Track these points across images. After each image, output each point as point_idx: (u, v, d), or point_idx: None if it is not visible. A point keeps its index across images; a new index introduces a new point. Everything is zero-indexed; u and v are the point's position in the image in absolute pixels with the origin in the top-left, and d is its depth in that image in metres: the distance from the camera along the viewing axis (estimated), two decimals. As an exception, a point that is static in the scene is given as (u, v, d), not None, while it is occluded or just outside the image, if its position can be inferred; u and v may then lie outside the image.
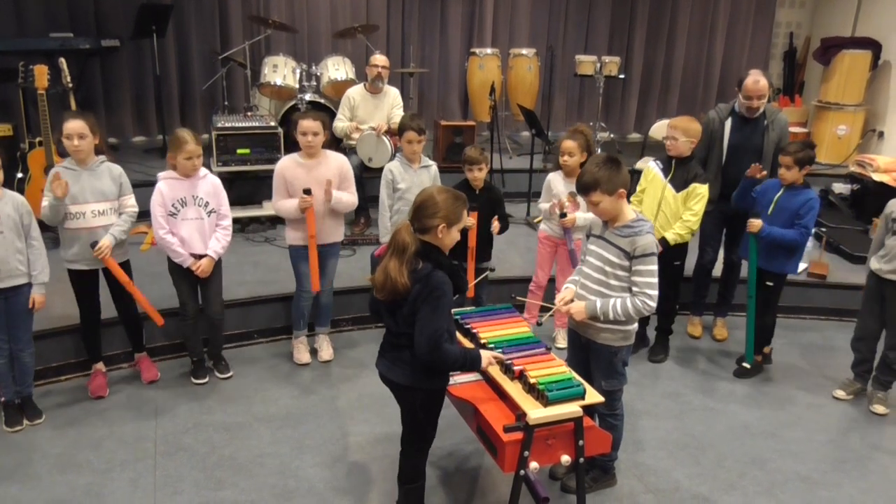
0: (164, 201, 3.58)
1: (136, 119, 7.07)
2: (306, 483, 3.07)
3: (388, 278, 2.38)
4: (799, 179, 3.85)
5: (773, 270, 3.97)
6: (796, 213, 3.83)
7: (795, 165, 3.80)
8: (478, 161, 3.94)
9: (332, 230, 3.98)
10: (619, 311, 2.78)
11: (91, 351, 3.80)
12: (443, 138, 6.43)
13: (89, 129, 3.43)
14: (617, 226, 2.83)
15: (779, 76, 8.73)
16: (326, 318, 4.22)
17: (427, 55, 7.83)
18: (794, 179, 3.85)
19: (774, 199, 3.92)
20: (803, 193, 3.85)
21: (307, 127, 3.76)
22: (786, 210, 3.86)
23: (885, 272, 3.71)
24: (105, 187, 3.52)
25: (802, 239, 3.85)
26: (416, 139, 3.99)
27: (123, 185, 3.60)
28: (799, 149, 3.82)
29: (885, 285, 3.74)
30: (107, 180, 3.54)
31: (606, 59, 7.34)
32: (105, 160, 3.58)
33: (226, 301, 4.01)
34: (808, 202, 3.82)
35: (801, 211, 3.82)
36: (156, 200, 3.58)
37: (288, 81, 6.11)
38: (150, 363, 3.93)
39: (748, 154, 4.19)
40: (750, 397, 3.94)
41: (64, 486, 3.00)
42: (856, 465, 3.36)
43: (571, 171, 3.98)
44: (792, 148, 3.85)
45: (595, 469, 3.11)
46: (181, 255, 3.62)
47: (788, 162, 3.82)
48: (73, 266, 3.58)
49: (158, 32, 6.22)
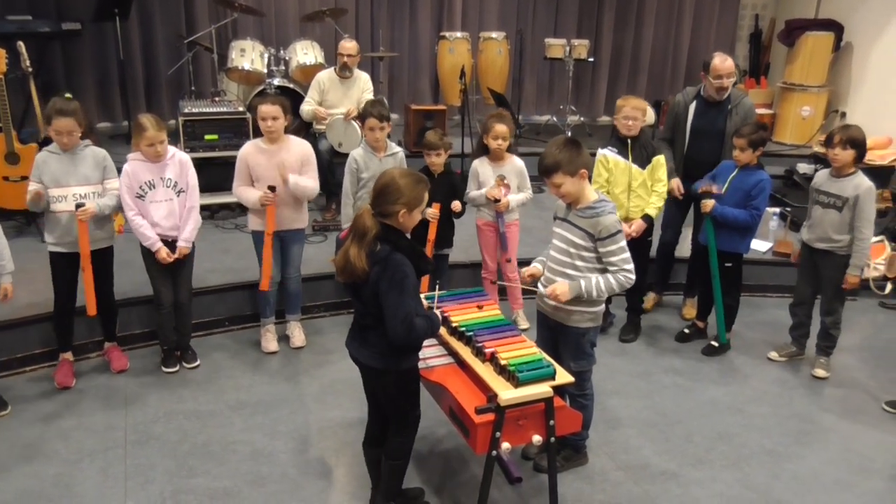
0: (130, 183, 3.53)
1: (100, 104, 6.90)
2: (279, 469, 3.07)
3: (348, 262, 2.39)
4: (752, 160, 3.93)
5: (726, 250, 4.06)
6: (749, 193, 3.92)
7: (749, 147, 3.88)
8: (437, 146, 3.92)
9: (294, 217, 3.93)
10: (602, 288, 2.82)
11: (61, 339, 3.73)
12: (413, 122, 6.40)
13: (77, 124, 3.39)
14: (580, 207, 2.86)
15: (745, 58, 8.83)
16: (296, 306, 4.18)
17: (397, 39, 7.76)
18: (747, 160, 3.93)
19: (728, 180, 4.01)
20: (755, 175, 3.94)
21: (266, 112, 3.71)
22: (739, 191, 3.95)
23: (812, 241, 3.91)
24: (88, 171, 3.49)
25: (753, 220, 3.94)
26: (378, 126, 3.90)
27: (107, 169, 3.56)
28: (752, 130, 3.91)
29: (814, 253, 3.92)
30: (90, 164, 3.50)
31: (575, 42, 7.35)
32: (89, 144, 3.54)
33: (196, 289, 3.98)
34: (759, 183, 3.91)
35: (752, 192, 3.91)
36: (123, 182, 3.53)
37: (256, 66, 6.02)
38: (121, 353, 3.88)
39: (711, 138, 4.26)
40: (717, 374, 4.02)
41: (32, 477, 2.97)
42: (818, 438, 3.46)
43: (502, 154, 4.02)
44: (745, 130, 3.93)
45: (567, 448, 3.16)
46: (150, 238, 3.56)
47: (742, 143, 3.90)
48: (55, 249, 3.54)
49: (121, 15, 6.06)
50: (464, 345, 2.82)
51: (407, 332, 2.38)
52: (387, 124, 3.95)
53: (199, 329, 4.15)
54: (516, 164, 4.10)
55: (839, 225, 3.77)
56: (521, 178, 4.11)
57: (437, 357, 2.90)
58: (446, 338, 2.90)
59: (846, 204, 3.73)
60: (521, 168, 4.11)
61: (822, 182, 3.87)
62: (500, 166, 4.05)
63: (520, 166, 4.11)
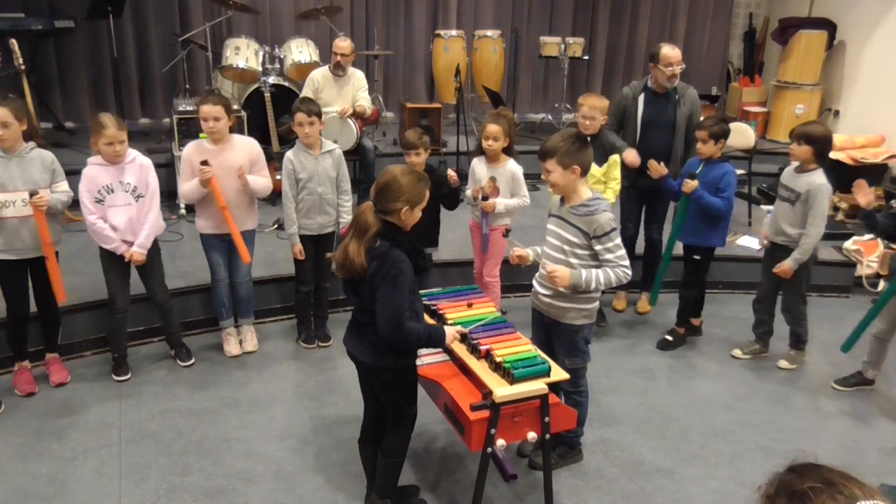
0: (89, 187, 3.43)
1: (94, 102, 6.86)
2: (274, 466, 3.07)
3: (347, 258, 2.39)
4: (716, 153, 3.96)
5: (699, 244, 4.09)
6: (716, 186, 3.95)
7: (710, 139, 3.91)
8: (416, 146, 3.84)
9: (244, 217, 3.84)
10: (602, 281, 2.83)
11: (17, 348, 3.61)
12: (409, 121, 6.40)
13: (13, 117, 3.23)
14: (573, 205, 2.86)
15: (739, 56, 8.86)
16: (249, 309, 4.08)
17: (392, 37, 7.76)
18: (710, 153, 3.96)
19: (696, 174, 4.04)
20: (721, 167, 3.97)
21: (207, 112, 3.62)
22: (706, 184, 3.97)
23: (770, 235, 3.96)
24: (36, 175, 3.35)
25: (728, 208, 3.99)
26: (307, 121, 3.76)
27: (56, 172, 3.43)
28: (713, 123, 3.94)
29: (774, 248, 3.96)
30: (37, 167, 3.36)
31: (570, 40, 7.36)
32: (34, 146, 3.39)
33: (190, 287, 3.98)
34: (725, 175, 3.95)
35: (720, 185, 3.94)
36: (82, 187, 3.43)
37: (251, 64, 6.00)
38: (61, 365, 3.72)
39: (662, 128, 4.33)
40: (711, 372, 4.04)
41: (26, 475, 2.96)
42: (812, 434, 3.47)
43: (495, 155, 3.94)
44: (707, 122, 3.98)
45: (562, 445, 3.16)
46: (113, 240, 3.47)
47: (703, 136, 3.93)
48: (4, 256, 3.39)
49: (115, 13, 6.05)
50: (459, 342, 2.82)
51: (392, 328, 2.38)
52: (316, 119, 3.80)
53: (195, 327, 4.14)
54: (510, 168, 3.96)
55: (791, 218, 3.83)
56: (515, 183, 3.97)
57: (432, 354, 2.90)
58: (441, 335, 2.90)
59: (798, 199, 3.78)
60: (514, 172, 3.96)
61: (785, 177, 3.93)
62: (495, 168, 3.97)
63: (513, 170, 3.96)
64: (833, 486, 1.00)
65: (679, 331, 4.32)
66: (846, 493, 1.00)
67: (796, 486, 1.02)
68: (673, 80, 4.27)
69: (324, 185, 3.90)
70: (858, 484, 1.01)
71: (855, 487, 1.01)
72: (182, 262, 4.53)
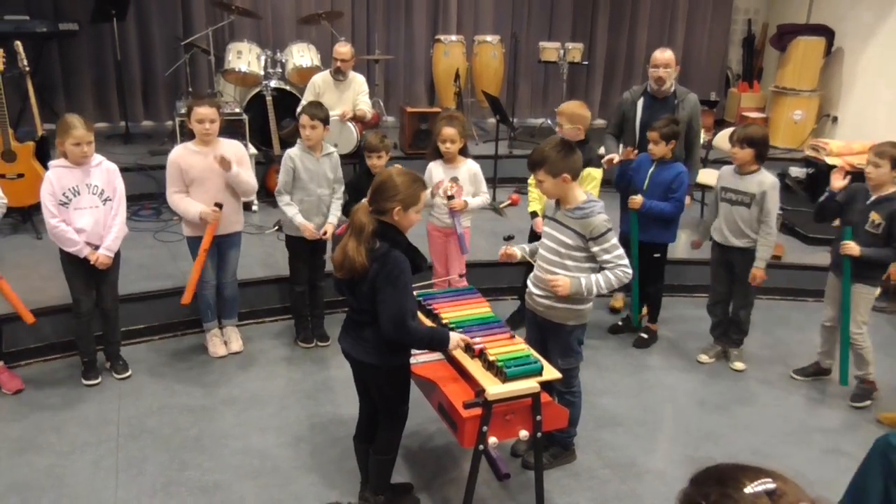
0: (53, 190, 3.38)
1: (97, 105, 6.93)
2: (270, 462, 3.11)
3: (347, 258, 2.43)
4: (667, 154, 4.02)
5: (654, 241, 4.15)
6: (669, 186, 4.01)
7: (662, 140, 3.97)
8: (377, 149, 3.87)
9: (231, 218, 3.84)
10: (602, 285, 2.86)
11: None
12: (409, 125, 6.44)
13: None
14: (568, 207, 2.90)
15: (738, 62, 8.91)
16: (233, 310, 4.10)
17: (392, 42, 7.81)
18: (662, 154, 4.02)
19: (648, 175, 4.09)
20: (673, 168, 4.04)
21: (204, 114, 3.64)
22: (659, 185, 4.04)
23: (725, 239, 3.99)
24: None
25: (677, 210, 4.06)
26: (310, 124, 3.80)
27: None
28: (664, 124, 4.00)
29: (726, 251, 4.02)
30: None
31: (570, 45, 7.41)
32: None
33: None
34: (678, 176, 4.01)
35: (673, 185, 4.01)
36: (45, 189, 3.38)
37: (253, 68, 6.05)
38: (11, 373, 3.64)
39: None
40: (705, 375, 4.07)
41: (24, 468, 3.00)
42: (803, 437, 3.50)
43: (452, 157, 3.92)
44: (658, 123, 4.03)
45: (555, 446, 3.20)
46: (76, 243, 3.42)
47: (655, 137, 3.99)
48: None
49: (118, 16, 6.12)
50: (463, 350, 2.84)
51: (395, 327, 2.42)
52: (319, 124, 3.83)
53: (195, 326, 4.19)
54: (470, 167, 3.94)
55: (749, 221, 3.87)
56: (476, 181, 3.95)
57: (427, 353, 2.93)
58: (436, 334, 2.93)
59: (753, 200, 3.84)
60: (475, 171, 3.95)
61: (728, 180, 3.96)
62: (454, 169, 3.92)
63: (474, 170, 3.95)
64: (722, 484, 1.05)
65: (653, 328, 4.39)
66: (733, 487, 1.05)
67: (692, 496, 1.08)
68: (660, 83, 4.33)
69: (322, 186, 3.95)
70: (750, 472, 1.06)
71: (743, 477, 1.06)
72: (185, 262, 4.56)
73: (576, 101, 4.24)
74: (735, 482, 1.05)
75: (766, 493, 1.02)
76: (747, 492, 1.03)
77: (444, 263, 4.14)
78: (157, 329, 4.15)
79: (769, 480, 1.03)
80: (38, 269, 4.24)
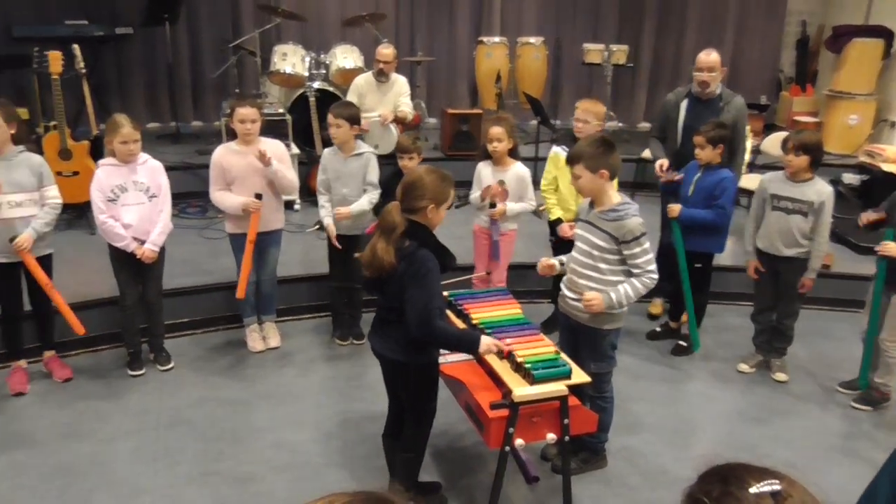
0: (102, 187, 3.52)
1: (149, 106, 7.19)
2: (302, 457, 3.17)
3: (375, 257, 2.46)
4: (714, 159, 3.90)
5: (695, 250, 4.03)
6: (711, 193, 3.89)
7: (708, 144, 3.86)
8: (409, 150, 3.90)
9: (271, 216, 3.92)
10: (631, 295, 2.85)
11: (11, 347, 3.68)
12: (449, 126, 6.48)
13: (2, 120, 3.30)
14: (602, 209, 2.88)
15: (791, 65, 8.65)
16: (271, 307, 4.18)
17: (436, 43, 7.86)
18: (708, 159, 3.90)
19: (693, 181, 3.98)
20: (718, 173, 3.91)
21: (245, 115, 3.73)
22: (703, 190, 3.93)
23: (773, 248, 3.85)
24: (22, 178, 3.40)
25: (720, 219, 3.92)
26: (334, 122, 3.84)
27: (44, 176, 3.48)
28: (710, 128, 3.89)
29: (774, 260, 3.88)
30: (24, 171, 3.41)
31: (614, 47, 7.33)
32: (23, 150, 3.46)
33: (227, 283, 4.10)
34: (721, 182, 3.88)
35: (715, 191, 3.89)
36: (94, 186, 3.53)
37: (297, 70, 6.17)
38: (61, 362, 3.80)
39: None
40: (744, 385, 3.97)
41: (70, 453, 3.13)
42: (846, 453, 3.39)
43: (501, 157, 3.91)
44: (705, 127, 3.91)
45: (585, 451, 3.17)
46: (123, 238, 3.54)
47: (700, 141, 3.88)
48: None
49: (171, 20, 6.33)
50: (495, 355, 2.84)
51: (420, 324, 2.45)
52: (344, 123, 3.85)
53: (235, 321, 4.29)
54: (518, 171, 3.92)
55: (804, 230, 3.75)
56: (522, 185, 3.92)
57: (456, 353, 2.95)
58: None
59: (811, 209, 3.72)
60: (522, 175, 3.92)
61: (780, 188, 3.82)
62: (502, 171, 3.90)
63: (520, 173, 3.92)
64: (726, 482, 1.03)
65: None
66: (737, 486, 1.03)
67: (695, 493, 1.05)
68: (704, 87, 4.23)
69: (348, 186, 3.97)
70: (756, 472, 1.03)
71: (749, 476, 1.03)
72: (227, 258, 4.68)
73: (590, 98, 4.22)
74: (740, 481, 1.03)
75: (772, 495, 1.00)
76: (752, 492, 1.01)
77: (484, 266, 4.15)
78: (198, 323, 4.28)
79: (775, 482, 1.01)
80: (89, 263, 4.40)
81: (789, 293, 3.91)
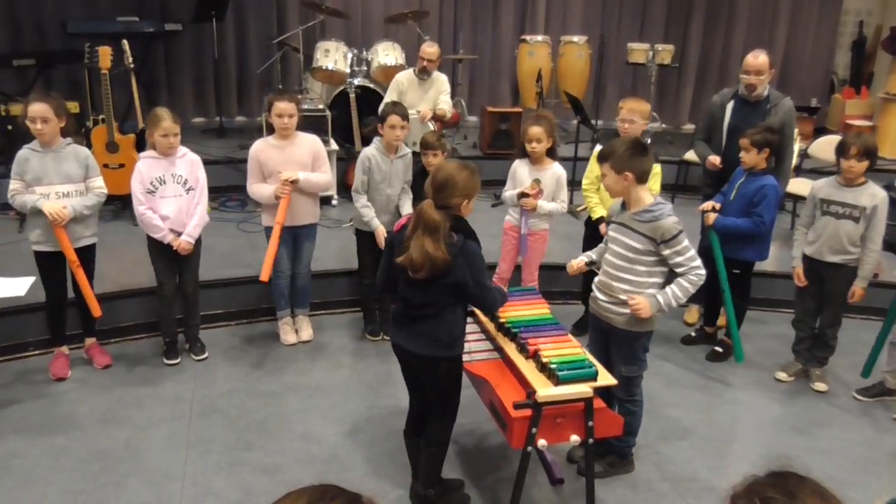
0: (142, 178, 3.59)
1: (196, 100, 7.36)
2: (328, 450, 3.21)
3: (428, 257, 2.44)
4: (760, 163, 3.77)
5: (733, 257, 3.91)
6: (751, 200, 3.76)
7: (753, 148, 3.73)
8: (434, 146, 3.90)
9: (306, 211, 3.94)
10: (680, 296, 2.82)
11: (55, 333, 3.77)
12: (488, 124, 6.46)
13: (53, 113, 3.37)
14: (636, 211, 2.83)
15: (845, 67, 8.38)
16: (305, 301, 4.22)
17: (479, 41, 7.85)
18: (753, 163, 3.77)
19: (736, 186, 3.87)
20: (760, 180, 3.78)
21: (283, 109, 3.75)
22: (744, 197, 3.81)
23: (821, 254, 3.73)
24: (70, 170, 3.48)
25: (756, 228, 3.77)
26: (400, 124, 3.85)
27: (90, 168, 3.55)
28: (757, 131, 3.76)
29: (820, 266, 3.74)
30: (72, 163, 3.49)
31: (659, 47, 7.21)
32: (71, 142, 3.53)
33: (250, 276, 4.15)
34: (762, 189, 3.74)
35: (755, 198, 3.75)
36: (135, 178, 3.61)
37: (339, 66, 6.23)
38: (101, 349, 3.87)
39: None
40: (782, 393, 3.86)
41: (106, 438, 3.22)
42: (886, 466, 3.27)
43: (539, 157, 3.87)
44: (751, 130, 3.79)
45: (612, 454, 3.13)
46: (161, 229, 3.61)
47: (745, 144, 3.76)
48: (39, 248, 3.53)
49: (218, 17, 6.47)
50: (509, 341, 2.85)
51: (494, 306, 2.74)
52: (407, 124, 3.90)
53: (269, 314, 4.36)
54: (555, 172, 3.90)
55: (854, 236, 3.61)
56: (558, 186, 3.90)
57: (482, 351, 2.95)
58: (493, 333, 2.94)
59: (863, 214, 3.58)
60: (559, 176, 3.90)
61: (830, 192, 3.69)
62: (540, 170, 3.89)
63: (558, 174, 3.90)
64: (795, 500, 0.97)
65: (727, 341, 4.16)
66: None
67: (761, 492, 1.00)
68: (751, 89, 4.11)
69: (393, 186, 4.02)
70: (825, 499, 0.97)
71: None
72: (263, 251, 4.76)
73: (635, 97, 4.16)
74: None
75: None
76: None
77: (510, 263, 4.16)
78: (233, 315, 4.36)
79: None
80: (131, 253, 4.53)
81: (833, 301, 3.78)
